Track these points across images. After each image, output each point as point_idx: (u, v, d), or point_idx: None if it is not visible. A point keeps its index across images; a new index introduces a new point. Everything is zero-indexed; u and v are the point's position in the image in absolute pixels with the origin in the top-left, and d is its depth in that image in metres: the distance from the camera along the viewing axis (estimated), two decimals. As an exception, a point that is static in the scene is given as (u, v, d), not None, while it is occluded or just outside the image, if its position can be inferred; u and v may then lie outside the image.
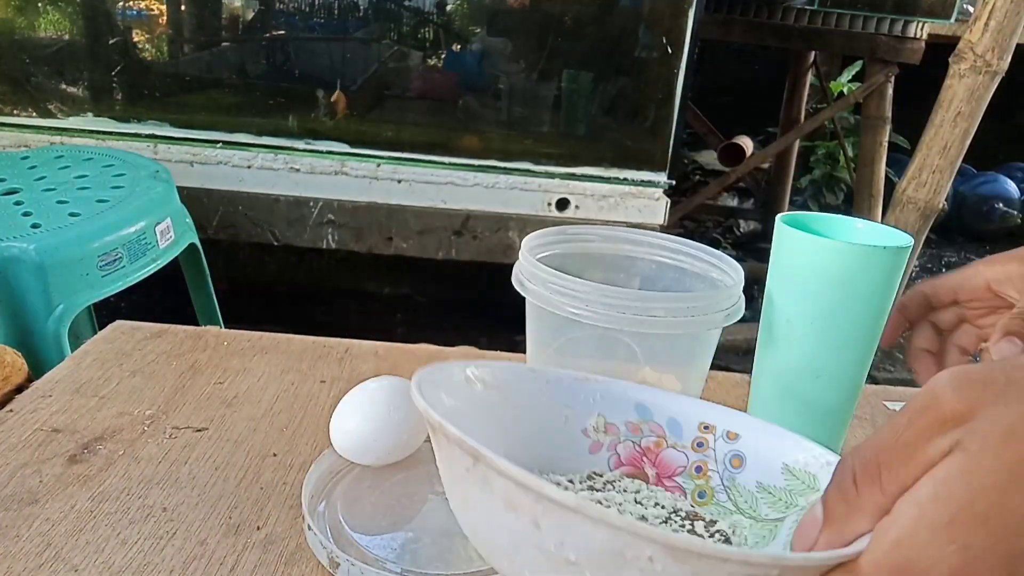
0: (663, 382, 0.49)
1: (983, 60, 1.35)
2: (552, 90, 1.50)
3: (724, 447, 0.31)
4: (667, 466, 0.32)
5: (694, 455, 0.32)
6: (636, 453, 0.33)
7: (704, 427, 0.32)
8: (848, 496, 0.21)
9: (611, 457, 0.33)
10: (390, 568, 0.36)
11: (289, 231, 1.44)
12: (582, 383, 0.33)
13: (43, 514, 0.38)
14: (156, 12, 1.45)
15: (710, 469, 0.31)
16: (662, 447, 0.32)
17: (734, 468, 0.31)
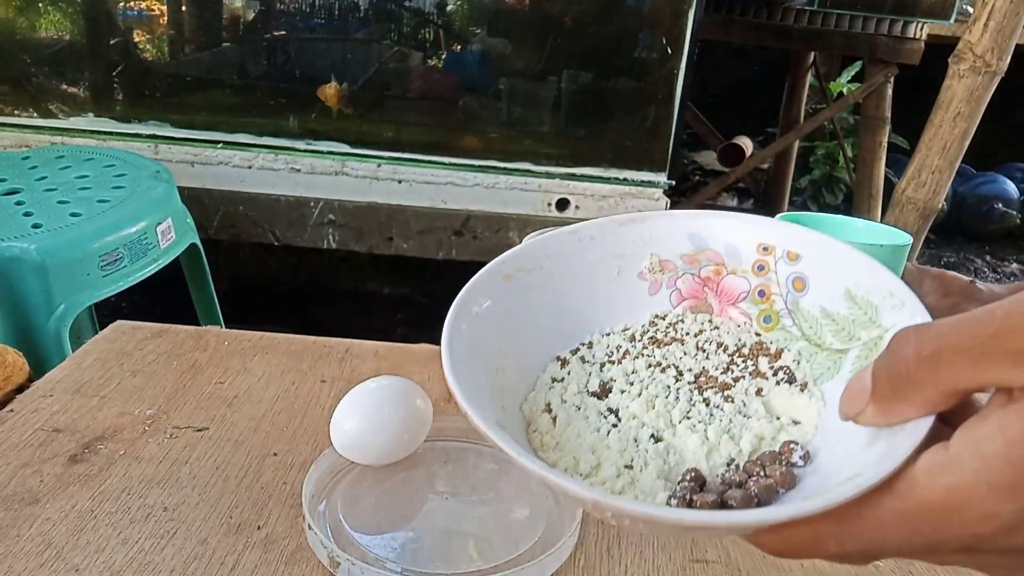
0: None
1: (982, 61, 1.35)
2: (552, 90, 1.50)
3: (785, 268, 0.29)
4: (729, 293, 0.31)
5: (756, 279, 0.30)
6: (697, 284, 0.31)
7: (763, 248, 0.30)
8: (897, 380, 0.19)
9: (672, 293, 0.31)
10: (390, 567, 0.36)
11: (290, 231, 1.44)
12: (627, 227, 0.31)
13: (44, 514, 0.38)
14: (157, 12, 1.45)
15: (773, 293, 0.30)
16: (722, 275, 0.31)
17: (797, 291, 0.29)
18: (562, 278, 0.31)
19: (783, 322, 0.29)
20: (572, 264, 0.31)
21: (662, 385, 0.28)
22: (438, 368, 0.59)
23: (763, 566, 0.39)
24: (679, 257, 0.31)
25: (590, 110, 1.51)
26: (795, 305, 0.29)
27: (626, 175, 1.46)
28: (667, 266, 0.31)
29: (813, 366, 0.28)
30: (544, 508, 0.41)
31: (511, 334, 0.29)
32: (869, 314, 0.26)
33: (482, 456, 0.45)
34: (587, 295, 0.31)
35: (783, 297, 0.29)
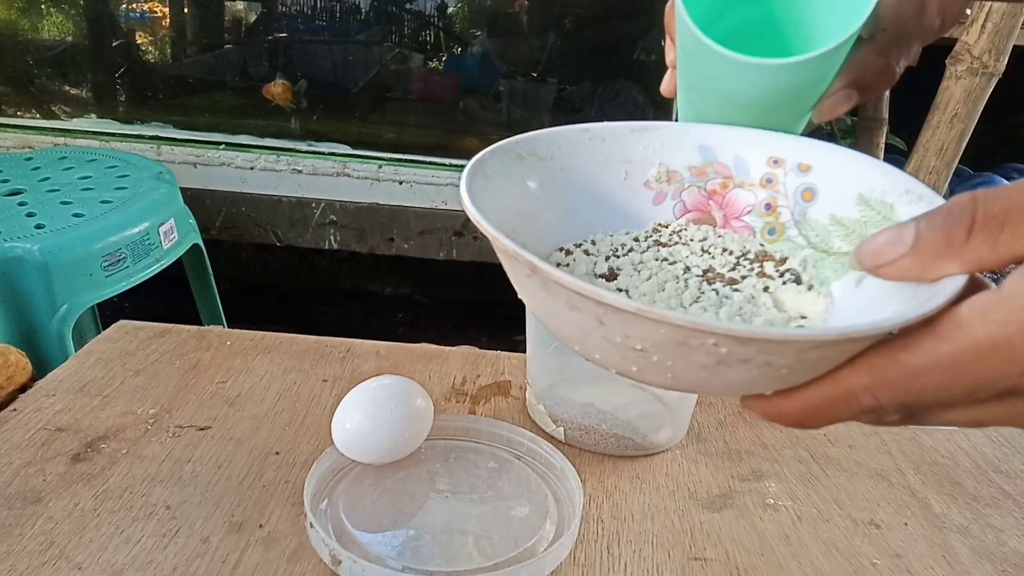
0: (662, 382, 0.49)
1: (980, 62, 1.35)
2: (552, 92, 1.50)
3: (795, 180, 0.29)
4: (734, 206, 0.30)
5: (763, 192, 0.29)
6: (702, 197, 0.31)
7: (773, 161, 0.29)
8: (952, 236, 0.19)
9: (676, 205, 0.31)
10: (392, 565, 0.36)
11: (291, 232, 1.45)
12: (639, 134, 0.31)
13: (46, 513, 0.39)
14: (159, 15, 1.46)
15: (780, 205, 0.29)
16: (728, 188, 0.30)
17: (805, 202, 0.28)
18: (570, 172, 0.30)
19: (788, 233, 0.29)
20: (581, 161, 0.30)
21: (671, 274, 0.27)
22: (439, 367, 0.59)
23: (761, 564, 0.40)
24: (687, 168, 0.31)
25: (589, 111, 1.51)
26: (802, 216, 0.28)
27: (626, 176, 1.46)
28: (674, 176, 0.31)
29: (820, 270, 0.27)
30: (544, 506, 0.41)
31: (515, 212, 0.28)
32: (883, 213, 0.26)
33: (482, 455, 0.45)
34: (592, 195, 0.30)
35: (790, 208, 0.29)
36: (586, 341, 0.22)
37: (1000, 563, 0.41)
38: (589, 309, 0.20)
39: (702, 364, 0.20)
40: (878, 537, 0.42)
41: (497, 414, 0.52)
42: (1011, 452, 0.53)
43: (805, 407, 0.20)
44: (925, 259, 0.19)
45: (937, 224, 0.19)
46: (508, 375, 0.57)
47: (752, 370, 0.20)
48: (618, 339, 0.20)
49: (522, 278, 0.22)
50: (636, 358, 0.21)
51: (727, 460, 0.49)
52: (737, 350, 0.19)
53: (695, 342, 0.19)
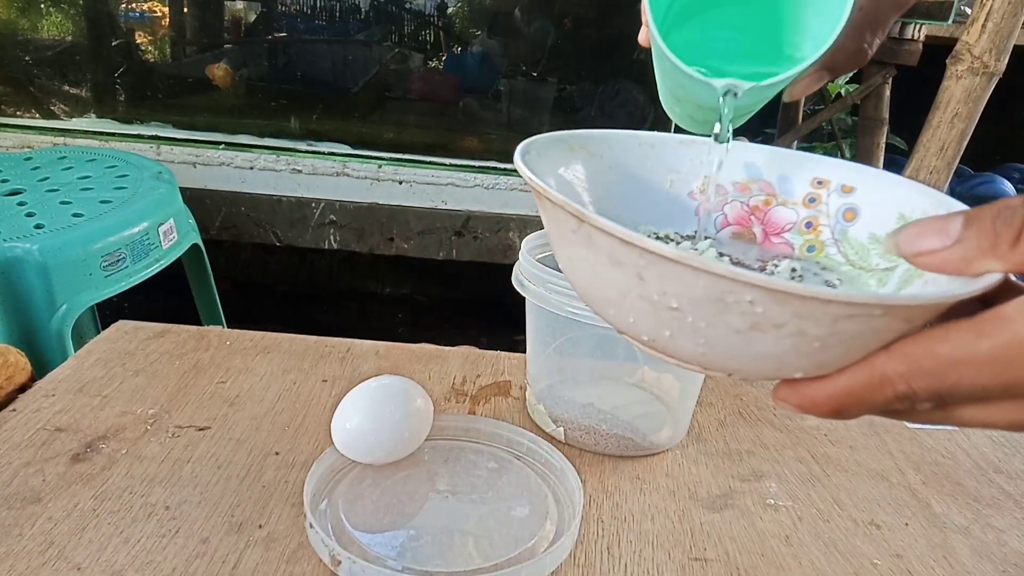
0: (661, 381, 0.50)
1: (980, 61, 1.35)
2: (552, 91, 1.50)
3: (838, 200, 0.29)
4: (775, 223, 0.31)
5: (805, 211, 0.30)
6: (744, 212, 0.31)
7: (818, 182, 0.30)
8: (1001, 237, 0.19)
9: (718, 217, 0.31)
10: (391, 566, 0.36)
11: (291, 232, 1.45)
12: (687, 146, 0.32)
13: (46, 513, 0.39)
14: (159, 14, 1.46)
15: (821, 224, 0.29)
16: (771, 204, 0.31)
17: (847, 221, 0.29)
18: (617, 172, 0.31)
19: (827, 251, 0.29)
20: (630, 164, 0.31)
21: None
22: (438, 367, 0.59)
23: (761, 564, 0.40)
24: (731, 183, 0.31)
25: (590, 111, 1.51)
26: (842, 234, 0.29)
27: (626, 176, 1.46)
28: (718, 190, 0.31)
29: (856, 284, 0.27)
30: (543, 507, 0.41)
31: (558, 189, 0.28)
32: None
33: (482, 455, 0.45)
34: (636, 196, 0.31)
35: (830, 227, 0.29)
36: (623, 302, 0.22)
37: (1001, 563, 0.41)
38: (631, 261, 0.20)
39: (736, 328, 0.19)
40: (878, 537, 0.42)
41: (497, 414, 0.52)
42: (1012, 452, 0.53)
43: (839, 393, 0.20)
44: (969, 255, 0.19)
45: (987, 223, 0.19)
46: (508, 375, 0.56)
47: (785, 339, 0.19)
48: (655, 296, 0.20)
49: (567, 233, 0.22)
50: (671, 319, 0.21)
51: (727, 460, 0.49)
52: (772, 311, 0.19)
53: (731, 299, 0.19)
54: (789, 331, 0.19)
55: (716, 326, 0.20)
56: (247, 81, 1.50)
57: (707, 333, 0.20)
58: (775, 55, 0.32)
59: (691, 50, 0.30)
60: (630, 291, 0.21)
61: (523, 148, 0.28)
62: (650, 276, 0.20)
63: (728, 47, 0.33)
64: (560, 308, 0.44)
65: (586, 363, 0.49)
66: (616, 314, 0.23)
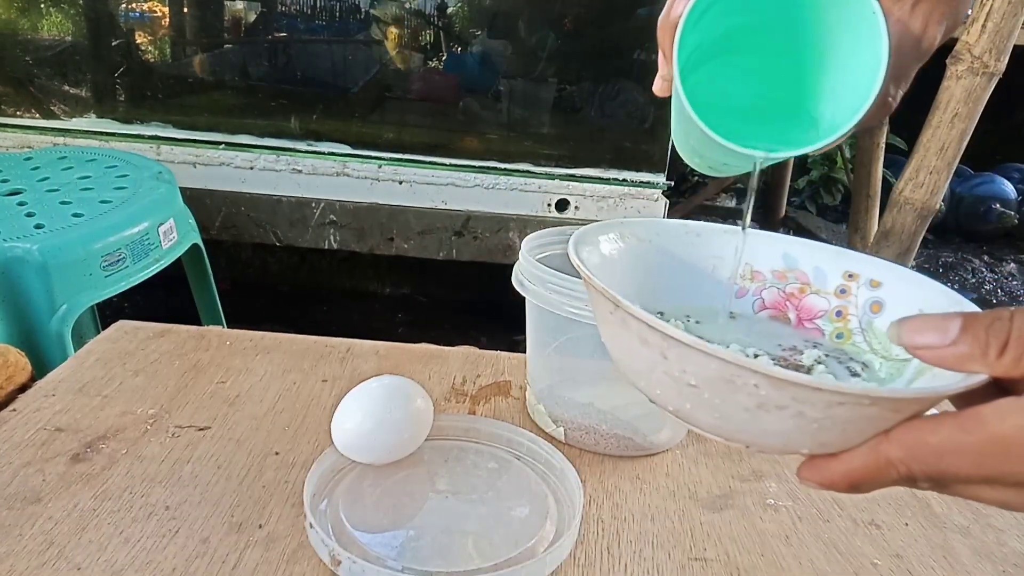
0: (662, 382, 0.49)
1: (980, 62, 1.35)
2: (552, 92, 1.50)
3: (866, 293, 0.32)
4: (809, 310, 0.34)
5: (836, 300, 0.33)
6: (780, 298, 0.34)
7: (848, 275, 0.33)
8: (989, 348, 0.21)
9: (755, 301, 0.35)
10: (391, 566, 0.36)
11: (291, 232, 1.45)
12: (730, 234, 0.35)
13: (46, 513, 0.39)
14: (159, 14, 1.46)
15: (850, 313, 0.33)
16: (806, 293, 0.34)
17: (873, 313, 0.32)
18: (664, 256, 0.34)
19: (854, 339, 0.32)
20: (676, 250, 0.35)
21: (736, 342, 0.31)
22: (438, 367, 0.59)
23: (761, 564, 0.40)
24: (770, 271, 0.35)
25: (589, 111, 1.51)
26: (869, 324, 0.32)
27: (625, 176, 1.46)
28: (757, 276, 0.35)
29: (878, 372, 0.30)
30: (543, 507, 0.41)
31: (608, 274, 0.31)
32: None
33: (482, 455, 0.45)
34: (681, 278, 0.34)
35: (858, 317, 0.32)
36: (651, 376, 0.25)
37: (1000, 563, 0.41)
38: (656, 343, 0.24)
39: (745, 405, 0.22)
40: (878, 537, 0.42)
41: (497, 414, 0.52)
42: (1011, 452, 0.53)
43: (852, 472, 0.23)
44: (962, 357, 0.22)
45: (980, 331, 0.21)
46: (508, 375, 0.57)
47: (788, 419, 0.22)
48: (677, 373, 0.24)
49: (606, 314, 0.26)
50: (690, 394, 0.24)
51: (727, 460, 0.49)
52: (774, 394, 0.22)
53: (739, 381, 0.22)
54: (791, 413, 0.22)
55: (728, 403, 0.23)
56: (247, 81, 1.50)
57: (721, 408, 0.23)
58: (794, 112, 0.34)
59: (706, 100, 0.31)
60: (656, 367, 0.24)
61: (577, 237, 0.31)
62: (672, 356, 0.23)
63: (744, 100, 0.35)
64: (560, 308, 0.44)
65: (586, 363, 0.49)
66: (646, 385, 0.26)
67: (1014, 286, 2.68)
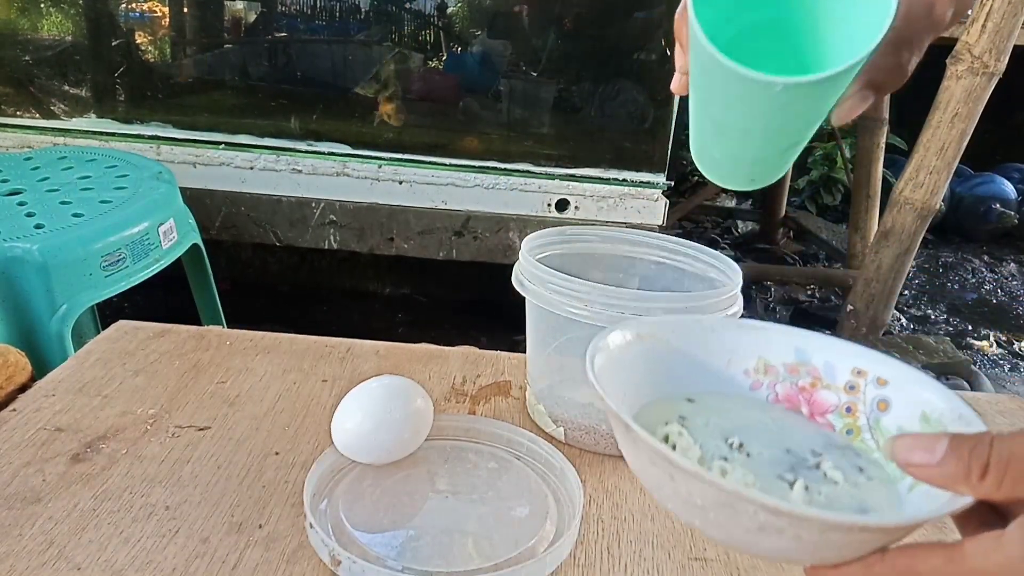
0: (662, 382, 0.49)
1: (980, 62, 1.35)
2: (552, 92, 1.50)
3: (873, 391, 0.34)
4: (820, 404, 0.35)
5: (845, 396, 0.35)
6: (793, 391, 0.36)
7: (857, 372, 0.35)
8: (971, 471, 0.23)
9: (770, 394, 0.36)
10: (391, 566, 0.36)
11: (291, 232, 1.45)
12: (745, 329, 0.37)
13: (46, 513, 0.39)
14: (159, 14, 1.46)
15: (859, 410, 0.34)
16: (817, 387, 0.35)
17: (880, 411, 0.33)
18: (681, 353, 0.36)
19: (863, 436, 0.34)
20: (692, 346, 0.37)
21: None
22: (438, 367, 0.59)
23: (762, 565, 0.40)
24: (782, 365, 0.36)
25: (589, 111, 1.51)
26: (876, 422, 0.34)
27: (625, 176, 1.46)
28: (771, 370, 0.36)
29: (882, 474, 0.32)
30: (543, 507, 0.41)
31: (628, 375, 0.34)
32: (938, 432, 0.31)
33: (482, 455, 0.45)
34: (698, 373, 0.36)
35: (866, 414, 0.34)
36: (662, 491, 0.27)
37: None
38: (663, 466, 0.26)
39: (747, 528, 0.24)
40: (878, 537, 0.42)
41: (497, 414, 0.52)
42: (1011, 452, 0.53)
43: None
44: (947, 478, 0.23)
45: (964, 453, 0.23)
46: (508, 375, 0.57)
47: (787, 540, 0.24)
48: (684, 493, 0.26)
49: (621, 430, 0.28)
50: (697, 513, 0.26)
51: (727, 460, 0.49)
52: (772, 520, 0.23)
53: (740, 507, 0.24)
54: (789, 536, 0.24)
55: (733, 524, 0.25)
56: (247, 81, 1.50)
57: (727, 528, 0.25)
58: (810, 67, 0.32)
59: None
60: (665, 484, 0.26)
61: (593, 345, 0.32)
62: (679, 479, 0.25)
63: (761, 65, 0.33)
64: (560, 308, 0.44)
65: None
66: (660, 498, 0.28)
67: (1014, 286, 2.68)
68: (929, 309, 2.43)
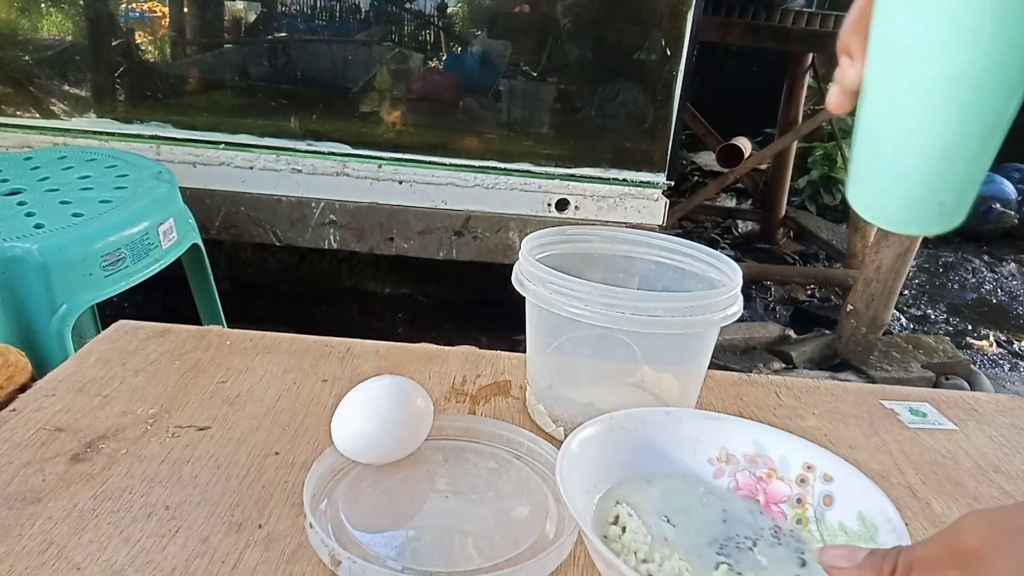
0: (661, 381, 0.50)
1: (982, 62, 1.35)
2: (552, 92, 1.50)
3: (820, 486, 0.38)
4: (775, 494, 0.39)
5: (796, 488, 0.39)
6: (752, 480, 0.40)
7: (807, 467, 0.39)
8: (886, 566, 0.28)
9: (730, 482, 0.40)
10: (391, 566, 0.36)
11: (291, 231, 1.45)
12: (710, 420, 0.41)
13: (46, 513, 0.39)
14: (159, 14, 1.46)
15: (807, 502, 0.38)
16: (772, 478, 0.40)
17: (825, 505, 0.38)
18: (648, 444, 0.40)
19: (810, 527, 0.38)
20: (661, 435, 0.41)
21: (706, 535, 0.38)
22: (438, 367, 0.59)
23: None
24: (742, 455, 0.40)
25: (590, 111, 1.51)
26: (821, 516, 0.38)
27: (625, 176, 1.46)
28: (732, 459, 0.41)
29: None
30: (543, 507, 0.41)
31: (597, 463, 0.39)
32: (871, 532, 0.35)
33: (482, 455, 0.45)
34: (666, 461, 0.40)
35: (813, 507, 0.38)
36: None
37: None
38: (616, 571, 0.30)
39: None
40: (878, 537, 0.42)
41: (497, 414, 0.52)
42: (1012, 452, 0.53)
43: None
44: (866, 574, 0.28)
45: (878, 558, 0.28)
46: (508, 375, 0.56)
47: None
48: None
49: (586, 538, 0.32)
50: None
51: (727, 460, 0.49)
52: None
53: None
54: None
55: None
56: (247, 81, 1.50)
57: None
58: None
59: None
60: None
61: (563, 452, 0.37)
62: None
63: None
64: (560, 308, 0.44)
65: (586, 363, 0.49)
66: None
67: (1014, 286, 2.68)
68: (929, 309, 2.43)
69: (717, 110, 2.75)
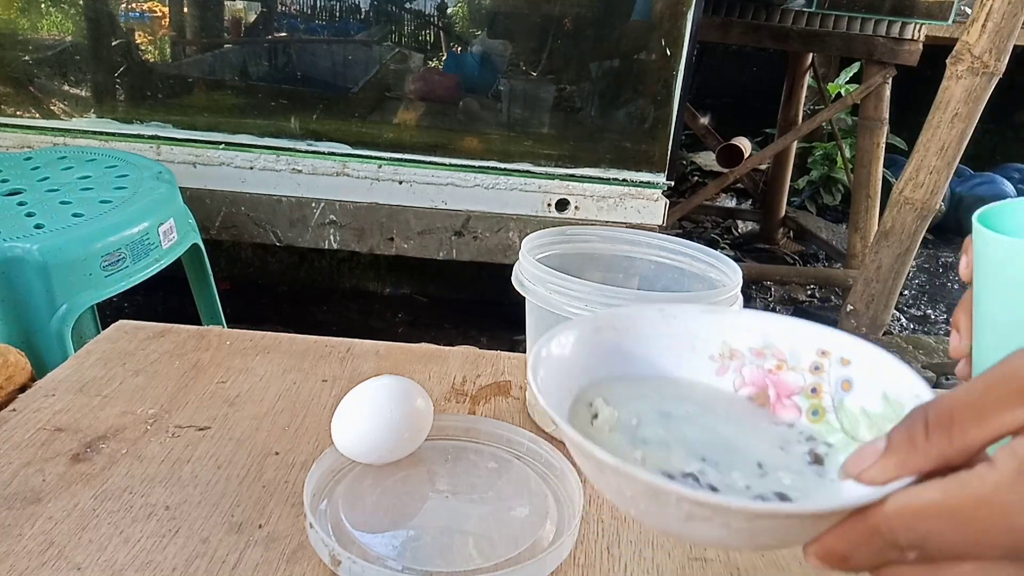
0: (662, 382, 0.49)
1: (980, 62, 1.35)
2: (552, 92, 1.50)
3: (837, 371, 0.34)
4: (786, 386, 0.35)
5: (811, 377, 0.35)
6: (759, 374, 0.36)
7: (821, 352, 0.34)
8: (915, 438, 0.22)
9: (736, 378, 0.36)
10: (391, 566, 0.36)
11: (291, 232, 1.45)
12: (708, 314, 0.37)
13: (46, 513, 0.39)
14: (159, 14, 1.46)
15: (824, 391, 0.34)
16: (782, 369, 0.35)
17: (844, 391, 0.33)
18: (643, 344, 0.36)
19: (828, 416, 0.34)
20: (654, 334, 0.36)
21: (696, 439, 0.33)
22: (438, 367, 0.59)
23: (761, 565, 0.40)
24: (748, 349, 0.36)
25: (590, 111, 1.51)
26: (840, 403, 0.34)
27: (625, 176, 1.46)
28: (736, 354, 0.36)
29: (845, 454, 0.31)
30: (543, 507, 0.41)
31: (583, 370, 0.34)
32: (898, 412, 0.30)
33: (482, 455, 0.45)
34: (661, 362, 0.36)
35: (831, 395, 0.34)
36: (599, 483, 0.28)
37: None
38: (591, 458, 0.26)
39: (676, 517, 0.24)
40: (878, 537, 0.42)
41: (497, 414, 0.52)
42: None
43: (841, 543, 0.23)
44: (898, 458, 0.23)
45: (902, 429, 0.23)
46: (508, 375, 0.57)
47: (717, 528, 0.24)
48: (615, 487, 0.26)
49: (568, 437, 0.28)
50: (632, 506, 0.26)
51: (727, 460, 0.49)
52: (696, 509, 0.23)
53: (663, 498, 0.24)
54: (718, 524, 0.24)
55: (663, 515, 0.25)
56: (247, 81, 1.50)
57: (660, 518, 0.25)
58: None
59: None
60: (598, 479, 0.27)
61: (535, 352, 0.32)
62: (607, 473, 0.26)
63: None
64: (560, 308, 0.44)
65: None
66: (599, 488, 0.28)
67: (1014, 286, 2.68)
68: (929, 309, 2.43)
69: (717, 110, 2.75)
